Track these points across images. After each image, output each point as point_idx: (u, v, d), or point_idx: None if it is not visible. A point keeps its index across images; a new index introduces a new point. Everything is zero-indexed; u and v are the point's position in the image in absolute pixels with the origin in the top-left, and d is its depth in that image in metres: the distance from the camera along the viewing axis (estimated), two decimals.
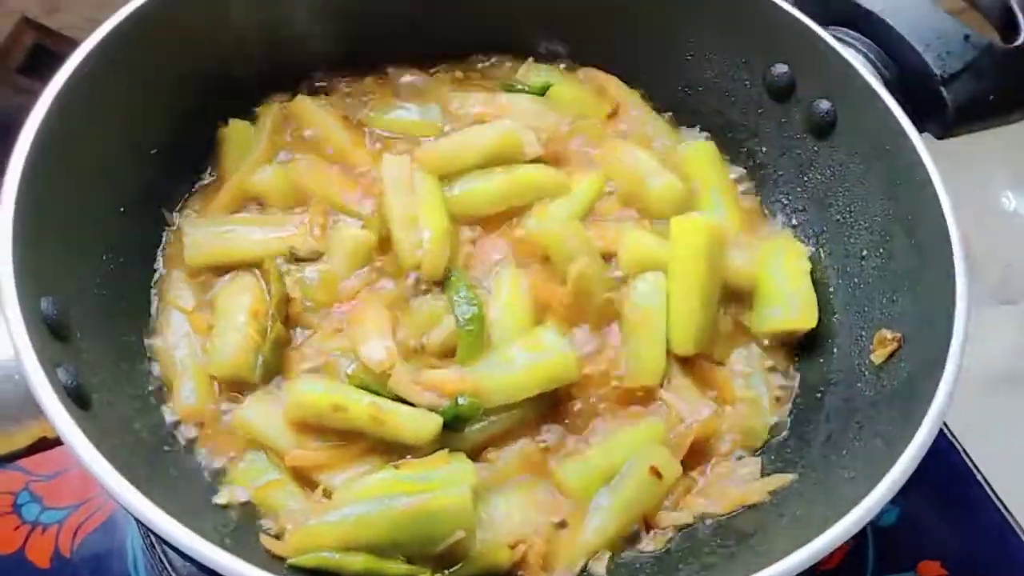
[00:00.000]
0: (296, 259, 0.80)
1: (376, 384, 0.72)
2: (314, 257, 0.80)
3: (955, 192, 0.72)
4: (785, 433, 0.78)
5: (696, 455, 0.75)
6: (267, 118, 0.90)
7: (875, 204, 0.81)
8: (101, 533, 0.87)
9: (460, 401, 0.70)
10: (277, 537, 0.65)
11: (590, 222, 0.86)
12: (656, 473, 0.70)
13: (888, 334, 0.74)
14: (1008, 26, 0.87)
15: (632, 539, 0.71)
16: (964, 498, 0.98)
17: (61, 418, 0.55)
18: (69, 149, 0.70)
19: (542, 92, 0.96)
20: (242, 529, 0.65)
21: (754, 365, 0.81)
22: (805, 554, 0.54)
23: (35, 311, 0.61)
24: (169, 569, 0.81)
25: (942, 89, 0.84)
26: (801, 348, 0.83)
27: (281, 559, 0.62)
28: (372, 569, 0.62)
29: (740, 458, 0.76)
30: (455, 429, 0.71)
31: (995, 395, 1.41)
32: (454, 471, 0.67)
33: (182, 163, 0.86)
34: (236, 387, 0.74)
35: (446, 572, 0.64)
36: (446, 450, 0.69)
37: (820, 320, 0.81)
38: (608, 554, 0.70)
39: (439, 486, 0.65)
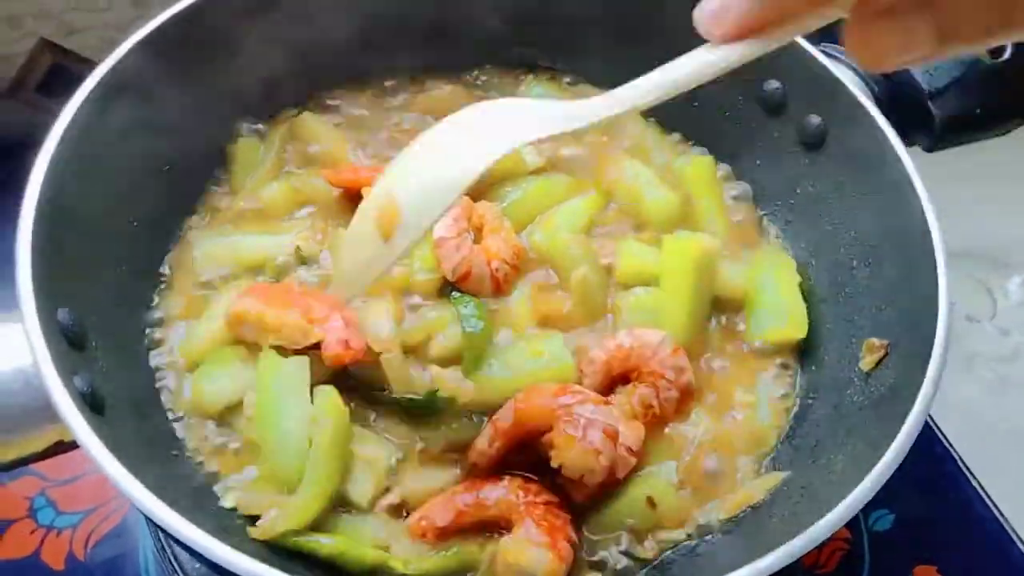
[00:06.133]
0: (301, 260, 0.83)
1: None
2: (315, 259, 0.83)
3: None
4: (777, 439, 0.80)
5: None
6: (275, 135, 0.93)
7: (864, 216, 0.83)
8: (114, 537, 0.89)
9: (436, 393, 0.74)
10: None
11: (592, 235, 0.89)
12: (651, 503, 0.72)
13: (876, 342, 0.76)
14: None
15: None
16: (959, 504, 0.99)
17: (78, 423, 0.57)
18: (85, 166, 0.73)
19: None
20: (244, 528, 0.68)
21: (751, 373, 0.83)
22: (772, 558, 0.56)
23: (52, 321, 0.64)
24: (179, 571, 0.84)
25: (930, 104, 0.87)
26: (794, 356, 0.84)
27: (274, 548, 0.65)
28: (342, 552, 0.65)
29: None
30: (427, 419, 0.74)
31: (989, 402, 1.42)
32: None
33: (193, 178, 0.89)
34: None
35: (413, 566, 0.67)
36: None
37: (811, 329, 0.83)
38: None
39: None
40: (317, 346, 0.73)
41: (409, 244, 0.63)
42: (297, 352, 0.73)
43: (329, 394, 0.70)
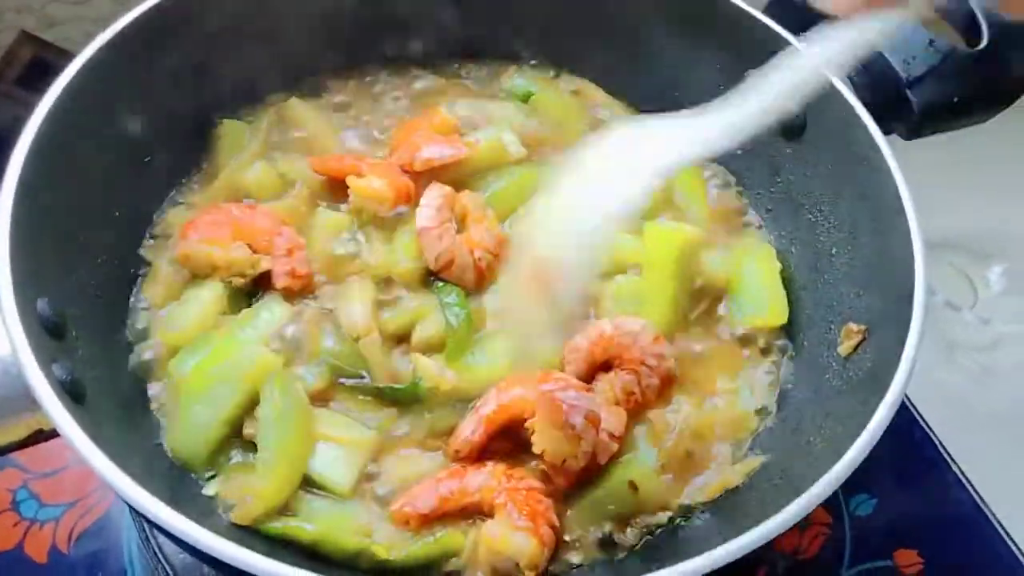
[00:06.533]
0: None
1: (348, 355, 0.75)
2: None
3: None
4: (757, 424, 0.80)
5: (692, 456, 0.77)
6: (261, 119, 0.93)
7: (843, 203, 0.84)
8: (97, 529, 0.89)
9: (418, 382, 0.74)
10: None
11: None
12: (633, 487, 0.72)
13: (854, 327, 0.77)
14: (971, 31, 0.90)
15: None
16: (940, 489, 1.00)
17: (57, 412, 0.57)
18: (64, 157, 0.73)
19: (525, 99, 1.00)
20: (226, 516, 0.68)
21: (732, 359, 0.84)
22: (749, 537, 0.56)
23: (31, 311, 0.63)
24: (164, 563, 0.83)
25: (908, 92, 0.87)
26: (774, 342, 0.85)
27: (258, 535, 0.66)
28: (324, 539, 0.66)
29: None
30: (409, 406, 0.75)
31: (970, 390, 1.44)
32: None
33: (176, 166, 0.89)
34: None
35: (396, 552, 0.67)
36: None
37: (791, 315, 0.84)
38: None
39: None
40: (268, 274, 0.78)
41: (569, 303, 0.61)
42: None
43: (279, 369, 0.71)
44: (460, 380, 0.75)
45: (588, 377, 0.78)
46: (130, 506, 0.56)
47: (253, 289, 0.80)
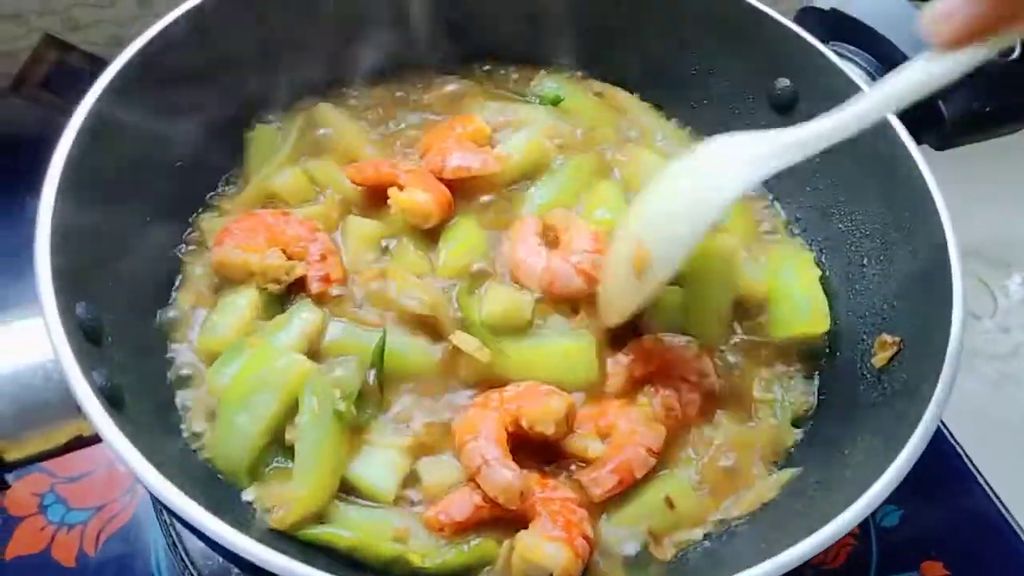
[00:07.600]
0: None
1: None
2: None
3: None
4: (794, 436, 0.80)
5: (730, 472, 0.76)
6: (293, 124, 0.93)
7: (875, 213, 0.84)
8: (124, 534, 0.89)
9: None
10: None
11: None
12: (669, 504, 0.72)
13: (888, 338, 0.76)
14: None
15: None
16: (965, 500, 1.00)
17: (101, 418, 0.57)
18: (100, 165, 0.73)
19: (555, 103, 1.00)
20: (263, 522, 0.68)
21: (770, 371, 0.83)
22: (797, 552, 0.56)
23: (71, 316, 0.63)
24: (191, 568, 0.83)
25: (939, 102, 0.87)
26: (811, 353, 0.84)
27: (296, 542, 0.66)
28: (360, 546, 0.66)
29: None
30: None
31: (991, 398, 1.44)
32: None
33: (208, 171, 0.89)
34: None
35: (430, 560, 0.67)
36: None
37: None
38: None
39: None
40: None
41: (660, 281, 0.71)
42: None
43: (316, 376, 0.71)
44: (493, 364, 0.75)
45: (629, 392, 0.77)
46: (171, 513, 0.56)
47: (286, 294, 0.80)
